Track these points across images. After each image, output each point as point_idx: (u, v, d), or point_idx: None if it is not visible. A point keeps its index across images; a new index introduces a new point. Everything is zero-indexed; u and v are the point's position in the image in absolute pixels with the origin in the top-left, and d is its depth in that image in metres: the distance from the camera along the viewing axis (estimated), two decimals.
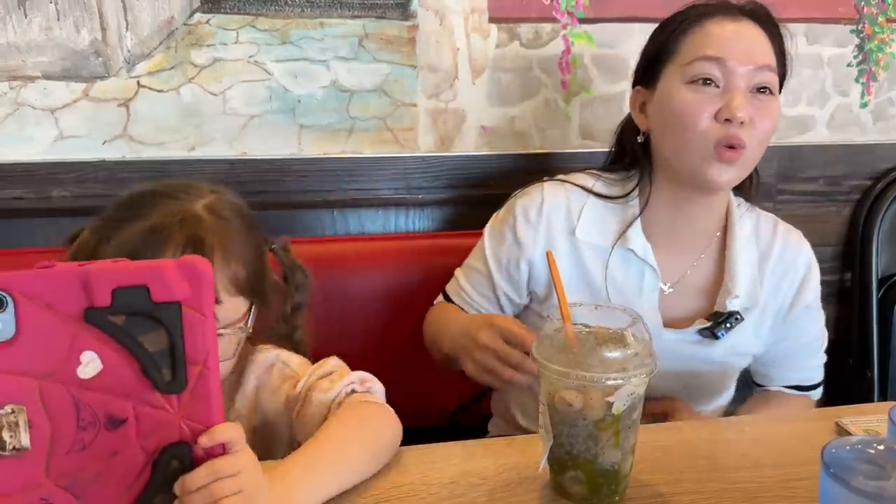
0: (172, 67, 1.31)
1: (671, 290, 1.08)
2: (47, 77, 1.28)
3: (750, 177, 1.08)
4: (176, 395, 0.57)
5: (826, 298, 1.67)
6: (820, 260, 1.66)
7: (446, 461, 0.80)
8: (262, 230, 0.93)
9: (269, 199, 1.36)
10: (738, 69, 0.97)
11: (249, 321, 0.85)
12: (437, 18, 1.38)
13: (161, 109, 1.32)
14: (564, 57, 1.44)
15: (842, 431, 0.87)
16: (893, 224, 1.61)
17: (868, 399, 1.60)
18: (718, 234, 1.10)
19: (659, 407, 1.03)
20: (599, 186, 1.11)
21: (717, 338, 1.04)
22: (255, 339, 0.91)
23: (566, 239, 1.07)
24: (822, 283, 1.65)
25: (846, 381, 1.68)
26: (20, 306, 0.54)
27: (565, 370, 0.68)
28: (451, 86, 1.41)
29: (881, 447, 0.55)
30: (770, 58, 1.01)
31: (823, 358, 1.19)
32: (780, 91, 1.05)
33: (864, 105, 1.61)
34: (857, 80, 1.59)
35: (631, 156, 1.12)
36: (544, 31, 1.43)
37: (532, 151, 1.46)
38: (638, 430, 0.73)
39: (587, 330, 0.71)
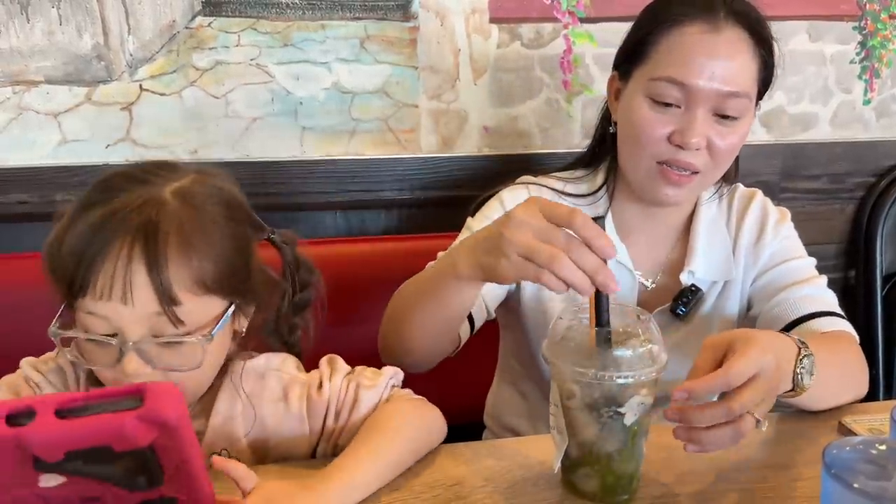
0: (174, 71, 1.32)
1: (653, 284, 1.07)
2: (50, 81, 1.28)
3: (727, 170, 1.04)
4: (156, 486, 0.53)
5: None
6: (823, 258, 1.66)
7: (451, 462, 0.80)
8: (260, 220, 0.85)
9: (272, 200, 1.36)
10: (703, 92, 0.92)
11: (224, 320, 0.75)
12: (437, 19, 1.38)
13: (163, 113, 1.32)
14: (566, 56, 1.44)
15: (845, 431, 0.86)
16: None
17: (873, 396, 1.59)
18: (685, 220, 1.08)
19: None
20: (570, 187, 1.08)
21: (677, 315, 1.02)
22: (247, 341, 0.83)
23: None
24: (827, 280, 1.67)
25: None
26: None
27: (584, 370, 0.67)
28: (453, 86, 1.41)
29: (883, 447, 0.55)
30: (745, 80, 0.94)
31: (825, 291, 1.06)
32: (760, 99, 1.00)
33: (867, 102, 1.60)
34: (859, 77, 1.59)
35: (600, 142, 1.10)
36: (545, 30, 1.43)
37: (534, 152, 1.46)
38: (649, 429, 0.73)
39: (606, 329, 0.70)
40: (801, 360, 0.77)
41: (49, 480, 0.51)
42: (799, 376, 0.77)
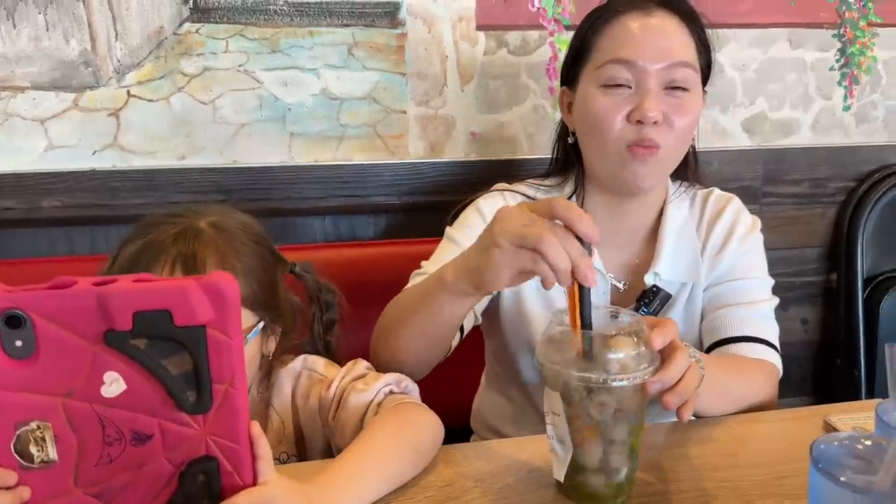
0: (162, 77, 1.32)
1: (626, 286, 1.07)
2: (37, 87, 1.28)
3: (686, 161, 1.07)
4: (202, 415, 0.56)
5: (812, 299, 1.71)
6: (805, 261, 1.70)
7: (442, 464, 0.80)
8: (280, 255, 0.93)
9: (261, 206, 1.37)
10: (650, 68, 0.96)
11: (254, 332, 0.83)
12: (425, 26, 1.39)
13: (151, 119, 1.32)
14: (551, 63, 1.46)
15: (830, 429, 0.88)
16: (878, 225, 1.63)
17: (855, 397, 1.62)
18: (654, 223, 1.09)
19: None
20: (541, 195, 1.10)
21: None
22: (286, 352, 0.92)
23: None
24: (809, 284, 1.70)
25: (833, 380, 1.70)
26: (38, 325, 0.53)
27: (584, 375, 0.68)
28: (441, 93, 1.42)
29: (868, 443, 0.56)
30: (686, 52, 0.99)
31: (767, 311, 1.07)
32: (706, 82, 1.03)
33: (846, 108, 1.63)
34: (839, 84, 1.62)
35: (564, 157, 1.12)
36: (531, 38, 1.44)
37: (521, 157, 1.48)
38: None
39: (599, 333, 0.71)
40: None
41: (111, 386, 0.55)
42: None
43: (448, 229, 1.09)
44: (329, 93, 1.38)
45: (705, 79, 1.04)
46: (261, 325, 0.85)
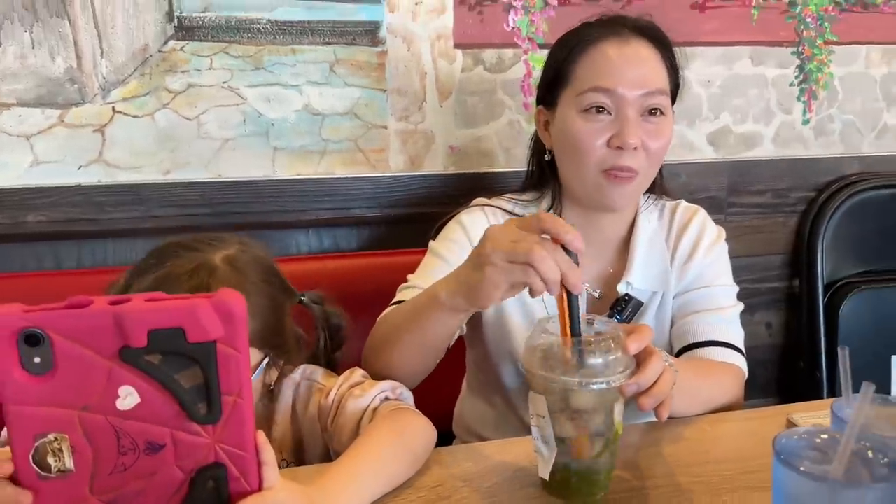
0: (147, 93, 1.34)
1: (601, 295, 1.12)
2: (22, 104, 1.30)
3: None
4: (212, 425, 0.59)
5: (775, 304, 1.78)
6: (769, 268, 1.77)
7: (431, 465, 0.84)
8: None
9: (245, 219, 1.40)
10: (629, 95, 1.01)
11: (258, 371, 0.87)
12: (405, 45, 1.44)
13: (136, 134, 1.35)
14: (526, 80, 1.52)
15: (793, 427, 0.94)
16: (836, 232, 1.71)
17: (818, 397, 1.70)
18: (626, 233, 1.14)
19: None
20: (519, 209, 1.15)
21: None
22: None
23: None
24: (773, 290, 1.77)
25: (797, 381, 1.77)
26: (56, 343, 0.55)
27: (568, 379, 0.73)
28: (420, 108, 1.47)
29: (825, 436, 0.62)
30: (661, 80, 1.04)
31: (733, 315, 1.12)
32: (674, 101, 1.09)
33: (805, 122, 1.71)
34: (798, 99, 1.70)
35: (539, 171, 1.17)
36: (507, 56, 1.50)
37: (498, 170, 1.53)
38: None
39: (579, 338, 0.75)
40: None
41: (126, 399, 0.57)
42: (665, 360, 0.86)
43: (432, 243, 1.13)
44: (311, 108, 1.42)
45: (673, 99, 1.10)
46: (265, 361, 0.89)
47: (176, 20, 1.34)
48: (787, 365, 1.80)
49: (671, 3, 1.55)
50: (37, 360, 0.56)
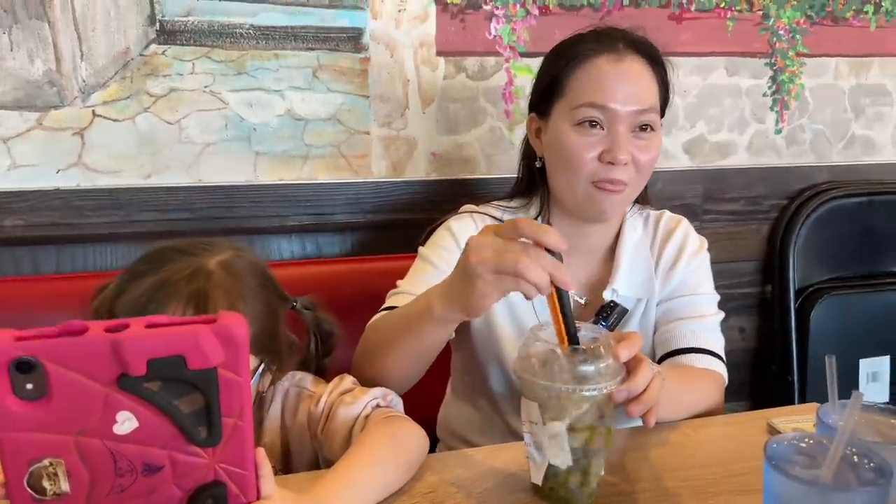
0: (128, 97, 1.33)
1: (587, 301, 1.14)
2: (0, 107, 1.28)
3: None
4: (212, 447, 0.58)
5: (748, 310, 1.82)
6: (742, 274, 1.81)
7: (423, 470, 0.85)
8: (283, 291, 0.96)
9: (226, 224, 1.39)
10: (621, 111, 1.03)
11: (255, 377, 0.87)
12: (388, 51, 1.44)
13: (116, 138, 1.33)
14: (507, 88, 1.53)
15: (773, 431, 0.96)
16: (807, 239, 1.76)
17: (790, 400, 1.74)
18: (612, 241, 1.17)
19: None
20: (507, 216, 1.16)
21: None
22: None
23: None
24: (746, 295, 1.81)
25: (769, 385, 1.81)
26: (49, 370, 0.54)
27: (558, 385, 0.74)
28: (402, 115, 1.48)
29: (812, 441, 0.64)
30: (652, 97, 1.07)
31: (713, 320, 1.14)
32: (662, 115, 1.12)
33: (778, 131, 1.75)
34: (771, 109, 1.74)
35: (528, 177, 1.19)
36: (489, 64, 1.51)
37: (479, 177, 1.54)
38: None
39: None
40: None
41: (124, 424, 0.56)
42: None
43: (422, 249, 1.14)
44: (294, 114, 1.42)
45: (662, 113, 1.12)
46: (261, 368, 0.89)
47: (158, 24, 1.33)
48: (760, 369, 1.84)
49: (649, 13, 1.58)
50: (29, 386, 0.54)
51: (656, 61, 1.09)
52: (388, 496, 0.79)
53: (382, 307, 1.07)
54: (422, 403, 1.27)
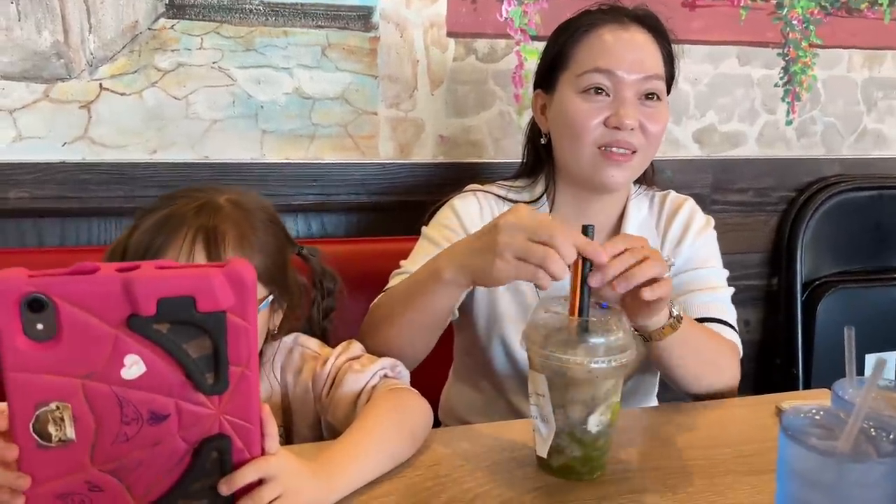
0: (136, 71, 1.32)
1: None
2: (6, 77, 1.27)
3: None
4: (218, 395, 0.58)
5: (754, 302, 1.81)
6: (749, 265, 1.80)
7: (429, 444, 0.85)
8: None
9: None
10: (627, 78, 1.03)
11: (265, 304, 0.86)
12: (397, 31, 1.43)
13: (123, 112, 1.32)
14: (517, 71, 1.52)
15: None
16: (815, 232, 1.75)
17: None
18: (617, 220, 1.16)
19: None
20: (512, 195, 1.16)
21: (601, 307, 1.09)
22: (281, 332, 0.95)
23: None
24: (752, 287, 1.80)
25: (774, 378, 1.80)
26: (61, 309, 0.54)
27: (572, 357, 0.73)
28: (411, 96, 1.46)
29: (829, 414, 0.63)
30: (658, 66, 1.07)
31: (724, 294, 1.13)
32: (669, 91, 1.12)
33: (789, 123, 1.74)
34: (783, 100, 1.72)
35: (533, 157, 1.18)
36: (499, 46, 1.50)
37: (487, 161, 1.53)
38: None
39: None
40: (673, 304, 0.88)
41: (132, 368, 0.56)
42: (672, 305, 0.88)
43: (425, 228, 1.13)
44: (302, 92, 1.41)
45: (669, 88, 1.12)
46: (270, 298, 0.88)
47: None
48: (765, 361, 1.83)
49: None
50: (40, 326, 0.54)
51: (661, 34, 1.09)
52: (395, 466, 0.78)
53: (385, 288, 1.06)
54: (424, 387, 1.26)
